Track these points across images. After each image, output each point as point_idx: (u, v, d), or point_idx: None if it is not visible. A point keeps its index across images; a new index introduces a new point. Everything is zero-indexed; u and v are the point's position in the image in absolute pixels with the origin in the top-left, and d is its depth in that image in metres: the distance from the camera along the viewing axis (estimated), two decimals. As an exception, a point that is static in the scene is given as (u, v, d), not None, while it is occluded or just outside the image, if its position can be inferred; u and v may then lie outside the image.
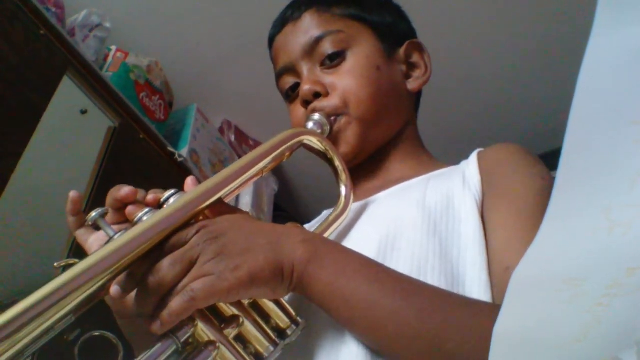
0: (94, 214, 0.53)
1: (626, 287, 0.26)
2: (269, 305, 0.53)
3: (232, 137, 2.39)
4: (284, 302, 0.54)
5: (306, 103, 0.77)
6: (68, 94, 1.49)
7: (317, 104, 0.76)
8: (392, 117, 0.81)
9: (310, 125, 0.74)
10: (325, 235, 0.65)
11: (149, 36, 2.04)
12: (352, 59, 0.78)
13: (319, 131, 0.73)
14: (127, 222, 0.59)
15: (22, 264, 1.30)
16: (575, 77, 0.28)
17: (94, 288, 0.43)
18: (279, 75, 0.84)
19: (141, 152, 1.76)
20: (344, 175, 0.72)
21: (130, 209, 0.57)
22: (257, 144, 2.48)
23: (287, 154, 0.67)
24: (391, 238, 0.63)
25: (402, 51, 0.84)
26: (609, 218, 0.27)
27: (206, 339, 0.48)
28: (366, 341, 0.52)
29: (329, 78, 0.77)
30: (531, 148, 0.72)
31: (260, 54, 0.95)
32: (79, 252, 1.41)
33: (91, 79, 1.58)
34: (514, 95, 2.33)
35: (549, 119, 2.13)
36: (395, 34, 0.85)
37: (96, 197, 1.46)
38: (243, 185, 0.59)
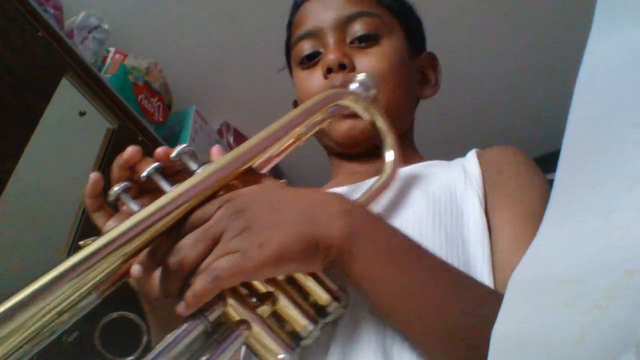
0: (116, 188, 0.49)
1: (625, 289, 0.26)
2: (306, 280, 0.48)
3: (231, 139, 2.39)
4: (322, 276, 0.48)
5: (328, 73, 0.75)
6: (66, 96, 1.49)
7: (342, 77, 0.73)
8: (406, 114, 0.80)
9: (354, 86, 0.68)
10: (369, 207, 0.60)
11: (147, 38, 2.04)
12: (384, 46, 0.76)
13: (364, 93, 0.68)
14: (144, 196, 0.55)
15: (21, 265, 1.29)
16: (574, 79, 0.28)
17: (117, 263, 0.41)
18: (300, 39, 0.80)
19: (140, 153, 1.75)
20: (389, 138, 0.65)
21: (139, 165, 0.54)
22: (256, 145, 2.47)
23: (328, 120, 0.62)
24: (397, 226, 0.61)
25: (420, 59, 0.84)
26: (607, 220, 0.27)
27: (237, 318, 0.44)
28: (401, 330, 0.48)
29: (356, 56, 0.75)
30: (529, 150, 0.72)
31: (259, 56, 0.95)
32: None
33: (90, 81, 1.58)
34: (512, 97, 2.34)
35: (547, 121, 2.13)
36: (418, 40, 0.86)
37: (94, 199, 1.45)
38: (280, 154, 0.55)
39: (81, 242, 0.44)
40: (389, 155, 0.64)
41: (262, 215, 0.45)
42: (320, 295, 0.48)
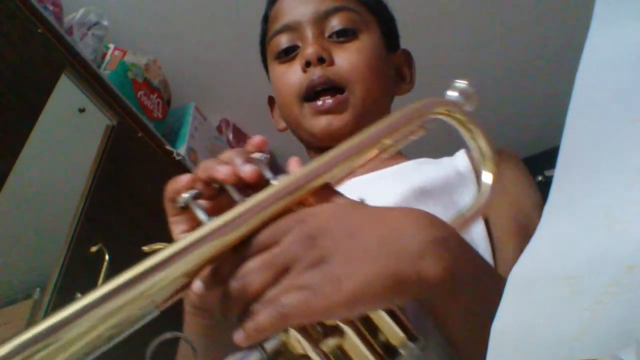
0: (185, 195, 0.44)
1: (625, 285, 0.26)
2: (380, 315, 0.42)
3: (230, 136, 2.39)
4: (399, 312, 0.42)
5: (307, 66, 0.74)
6: (66, 93, 1.49)
7: (320, 70, 0.73)
8: (381, 110, 0.79)
9: (454, 95, 0.60)
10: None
11: (147, 34, 2.04)
12: (362, 41, 0.76)
13: (464, 104, 0.60)
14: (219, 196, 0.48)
15: (20, 262, 1.29)
16: (574, 73, 0.28)
17: (179, 278, 0.38)
18: (277, 33, 0.79)
19: (139, 150, 1.76)
20: (489, 162, 0.57)
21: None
22: (256, 142, 2.47)
23: (420, 131, 0.55)
24: None
25: (395, 57, 0.85)
26: (608, 216, 0.27)
27: (300, 351, 0.40)
28: None
29: (335, 50, 0.75)
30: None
31: (258, 52, 0.94)
32: (77, 249, 1.41)
33: (89, 78, 1.57)
34: (511, 92, 2.33)
35: (547, 117, 2.13)
36: (394, 37, 0.86)
37: (94, 195, 1.45)
38: (362, 167, 0.49)
39: (145, 248, 0.41)
40: (487, 178, 0.57)
41: (339, 245, 0.40)
42: (394, 333, 0.41)
